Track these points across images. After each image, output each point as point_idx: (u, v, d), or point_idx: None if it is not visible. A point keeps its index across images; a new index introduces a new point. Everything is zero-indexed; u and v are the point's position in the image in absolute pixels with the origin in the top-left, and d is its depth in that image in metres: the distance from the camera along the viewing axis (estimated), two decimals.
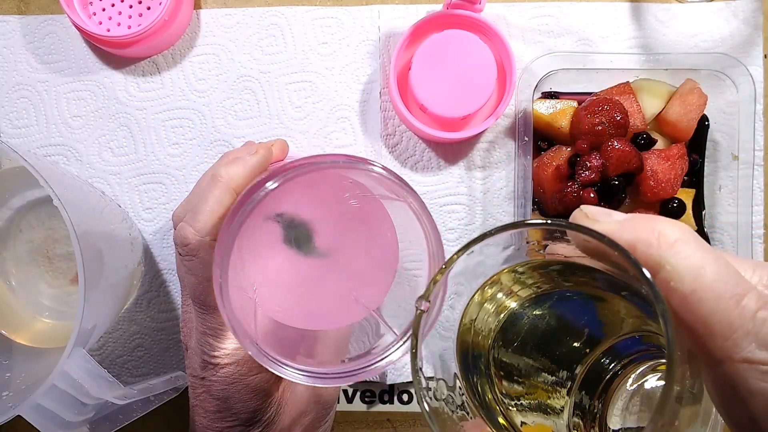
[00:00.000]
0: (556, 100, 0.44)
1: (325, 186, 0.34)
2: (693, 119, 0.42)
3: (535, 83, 0.42)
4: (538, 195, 0.43)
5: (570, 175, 0.41)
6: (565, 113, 0.43)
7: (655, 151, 0.42)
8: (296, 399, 0.35)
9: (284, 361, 0.29)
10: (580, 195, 0.40)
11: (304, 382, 0.29)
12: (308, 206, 0.34)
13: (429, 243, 0.30)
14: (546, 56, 0.42)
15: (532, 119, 0.43)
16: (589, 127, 0.41)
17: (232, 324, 0.28)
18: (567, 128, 0.43)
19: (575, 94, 0.45)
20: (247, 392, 0.33)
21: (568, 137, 0.43)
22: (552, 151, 0.43)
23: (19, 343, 0.45)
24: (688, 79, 0.43)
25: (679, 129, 0.42)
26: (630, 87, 0.43)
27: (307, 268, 0.34)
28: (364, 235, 0.34)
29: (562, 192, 0.41)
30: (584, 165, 0.41)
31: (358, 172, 0.31)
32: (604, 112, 0.41)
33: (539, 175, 0.42)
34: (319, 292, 0.34)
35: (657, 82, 0.43)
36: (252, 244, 0.32)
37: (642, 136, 0.42)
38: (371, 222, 0.34)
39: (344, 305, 0.34)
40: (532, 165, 0.43)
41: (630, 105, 0.42)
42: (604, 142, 0.41)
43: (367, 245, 0.34)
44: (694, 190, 0.44)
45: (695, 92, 0.42)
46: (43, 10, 0.48)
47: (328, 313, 0.34)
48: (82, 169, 0.47)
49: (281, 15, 0.48)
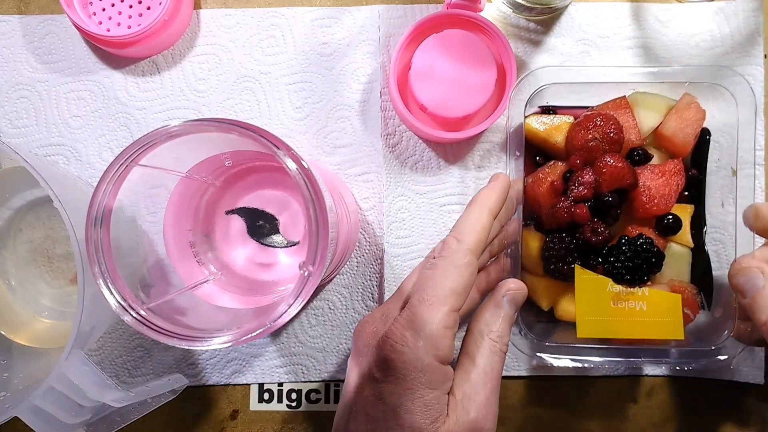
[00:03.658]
0: (552, 116, 0.43)
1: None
2: (690, 134, 0.41)
3: (526, 98, 0.42)
4: (535, 210, 0.43)
5: (564, 190, 0.41)
6: (561, 129, 0.43)
7: (650, 166, 0.41)
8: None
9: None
10: (572, 211, 0.40)
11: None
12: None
13: (308, 209, 0.32)
14: (540, 69, 0.41)
15: (524, 135, 0.42)
16: (582, 143, 0.41)
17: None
18: (563, 144, 0.43)
19: (572, 107, 0.44)
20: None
21: (564, 153, 0.43)
22: (548, 166, 0.43)
23: (18, 343, 0.45)
24: (686, 93, 0.42)
25: (675, 144, 0.42)
26: (626, 101, 0.42)
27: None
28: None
29: (554, 207, 0.41)
30: (577, 181, 0.40)
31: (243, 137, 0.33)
32: (597, 128, 0.41)
33: (535, 190, 0.42)
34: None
35: (654, 95, 0.43)
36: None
37: (637, 151, 0.42)
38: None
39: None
40: (528, 180, 0.43)
41: (626, 119, 0.42)
42: (597, 158, 0.41)
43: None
44: (693, 206, 0.43)
45: (693, 107, 0.41)
46: (43, 10, 0.48)
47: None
48: (82, 169, 0.47)
49: (281, 15, 0.48)
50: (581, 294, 0.41)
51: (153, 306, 0.34)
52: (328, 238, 0.32)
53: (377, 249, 0.47)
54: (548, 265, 0.41)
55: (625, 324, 0.40)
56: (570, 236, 0.41)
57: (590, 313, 0.40)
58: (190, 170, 0.39)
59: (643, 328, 0.40)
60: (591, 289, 0.41)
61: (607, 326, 0.40)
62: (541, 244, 0.42)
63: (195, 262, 0.41)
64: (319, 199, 0.32)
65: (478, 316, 0.36)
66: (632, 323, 0.40)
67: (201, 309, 0.39)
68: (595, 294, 0.41)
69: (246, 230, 0.42)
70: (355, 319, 0.47)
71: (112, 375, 0.46)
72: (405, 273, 0.46)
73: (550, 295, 0.43)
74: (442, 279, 0.33)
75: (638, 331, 0.40)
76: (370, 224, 0.47)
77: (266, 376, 0.46)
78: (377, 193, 0.47)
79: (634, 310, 0.40)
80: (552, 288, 0.43)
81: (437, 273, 0.33)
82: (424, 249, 0.46)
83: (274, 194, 0.42)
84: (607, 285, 0.40)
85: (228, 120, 0.32)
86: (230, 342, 0.32)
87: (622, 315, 0.40)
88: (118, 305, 0.33)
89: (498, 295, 0.36)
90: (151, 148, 0.33)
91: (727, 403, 0.46)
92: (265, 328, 0.32)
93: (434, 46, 0.43)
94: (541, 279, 0.42)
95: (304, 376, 0.47)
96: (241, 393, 0.47)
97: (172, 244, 0.40)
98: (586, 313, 0.41)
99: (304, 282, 0.32)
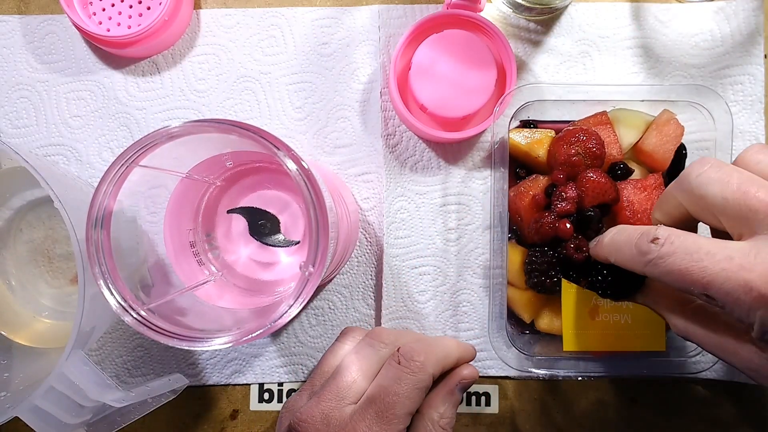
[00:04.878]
0: (533, 129, 0.44)
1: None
2: (669, 150, 0.42)
3: (511, 114, 0.42)
4: (516, 223, 0.43)
5: (547, 205, 0.42)
6: (543, 143, 0.43)
7: (632, 181, 0.42)
8: None
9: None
10: (555, 226, 0.40)
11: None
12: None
13: (309, 209, 0.32)
14: (524, 87, 0.42)
15: (508, 149, 0.42)
16: (565, 158, 0.41)
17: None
18: (545, 157, 0.43)
19: (553, 122, 0.45)
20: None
21: (546, 166, 0.43)
22: (529, 180, 0.43)
23: (19, 343, 0.45)
24: (665, 110, 0.43)
25: (655, 159, 0.42)
26: (607, 117, 0.43)
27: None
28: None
29: (538, 222, 0.41)
30: (560, 196, 0.41)
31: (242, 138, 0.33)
32: (579, 143, 0.41)
33: (516, 203, 0.42)
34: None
35: (634, 112, 0.43)
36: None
37: (619, 165, 0.42)
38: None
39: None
40: (510, 194, 0.43)
41: (607, 135, 0.42)
42: (580, 173, 0.41)
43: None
44: None
45: (672, 123, 0.42)
46: (43, 10, 0.48)
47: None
48: (82, 169, 0.47)
49: (281, 15, 0.48)
50: (567, 308, 0.41)
51: (153, 306, 0.34)
52: (328, 239, 0.32)
53: (377, 249, 0.47)
54: (531, 278, 0.41)
55: (610, 337, 0.41)
56: (552, 250, 0.41)
57: (576, 326, 0.41)
58: (191, 171, 0.39)
59: (627, 340, 0.41)
60: (577, 302, 0.41)
61: (592, 339, 0.41)
62: (523, 258, 0.42)
63: (195, 263, 0.41)
64: (319, 200, 0.32)
65: (430, 401, 0.37)
66: (616, 336, 0.41)
67: (201, 309, 0.39)
68: (582, 307, 0.41)
69: (247, 229, 0.42)
70: (355, 318, 0.47)
71: (113, 375, 0.46)
72: (404, 273, 0.46)
73: (533, 308, 0.43)
74: (404, 399, 0.34)
75: (622, 344, 0.41)
76: (371, 224, 0.47)
77: (266, 376, 0.47)
78: (377, 193, 0.47)
79: (620, 323, 0.41)
80: (534, 301, 0.43)
81: (401, 390, 0.35)
82: (424, 249, 0.46)
83: (275, 194, 0.42)
84: (593, 298, 0.41)
85: (228, 121, 0.32)
86: (231, 342, 0.32)
87: (607, 328, 0.41)
88: (119, 306, 0.33)
89: (452, 383, 0.38)
90: (151, 148, 0.33)
91: (726, 402, 0.46)
92: (265, 329, 0.32)
93: (434, 46, 0.43)
94: (524, 292, 0.43)
95: (304, 376, 0.47)
96: (242, 393, 0.47)
97: (172, 245, 0.40)
98: (572, 327, 0.41)
99: (304, 282, 0.32)
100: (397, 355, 0.36)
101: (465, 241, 0.46)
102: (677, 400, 0.46)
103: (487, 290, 0.46)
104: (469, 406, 0.46)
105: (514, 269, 0.42)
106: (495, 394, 0.46)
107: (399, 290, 0.46)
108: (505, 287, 0.42)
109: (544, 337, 0.44)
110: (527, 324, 0.44)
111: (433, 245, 0.46)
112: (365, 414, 0.34)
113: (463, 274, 0.46)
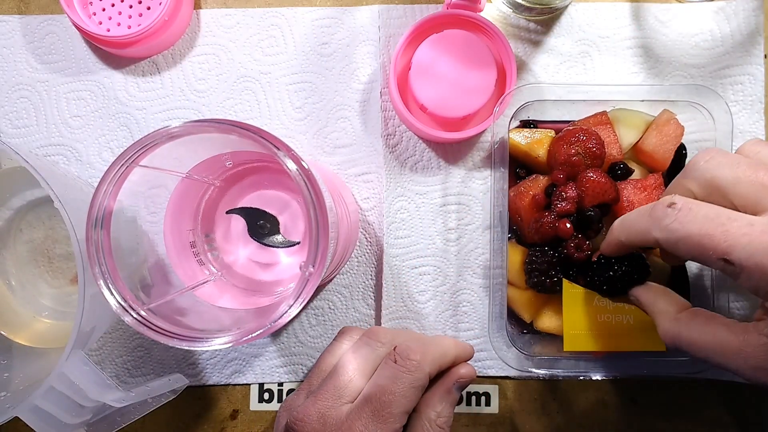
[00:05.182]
0: (533, 129, 0.44)
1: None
2: (669, 150, 0.42)
3: (511, 114, 0.42)
4: (516, 223, 0.43)
5: (546, 204, 0.42)
6: (543, 143, 0.43)
7: (632, 181, 0.42)
8: None
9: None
10: (555, 225, 0.40)
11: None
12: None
13: (309, 210, 0.32)
14: (524, 87, 0.42)
15: (508, 149, 0.42)
16: (565, 158, 0.41)
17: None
18: (545, 157, 0.43)
19: (553, 122, 0.45)
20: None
21: (545, 166, 0.43)
22: (529, 180, 0.43)
23: (19, 343, 0.45)
24: (665, 110, 0.43)
25: (655, 159, 0.42)
26: (607, 117, 0.43)
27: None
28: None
29: (538, 222, 0.41)
30: (560, 196, 0.41)
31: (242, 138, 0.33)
32: (579, 143, 0.41)
33: (516, 203, 0.42)
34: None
35: (634, 112, 0.43)
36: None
37: (619, 165, 0.42)
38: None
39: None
40: (511, 194, 0.43)
41: (607, 135, 0.42)
42: (580, 173, 0.41)
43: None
44: None
45: (672, 123, 0.42)
46: (43, 10, 0.48)
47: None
48: (82, 169, 0.47)
49: (281, 15, 0.48)
50: (569, 308, 0.41)
51: (153, 306, 0.34)
52: (328, 239, 0.32)
53: (377, 249, 0.47)
54: (531, 278, 0.41)
55: (610, 337, 0.41)
56: (552, 249, 0.41)
57: (577, 326, 0.41)
58: (191, 171, 0.39)
59: (628, 340, 0.41)
60: (579, 302, 0.41)
61: (592, 339, 0.41)
62: (523, 257, 0.42)
63: (195, 263, 0.41)
64: (319, 200, 0.32)
65: (427, 400, 0.37)
66: (617, 336, 0.41)
67: (201, 309, 0.39)
68: (583, 308, 0.41)
69: (247, 230, 0.42)
70: (355, 318, 0.47)
71: (113, 375, 0.46)
72: (404, 273, 0.46)
73: (533, 308, 0.43)
74: (400, 398, 0.34)
75: (623, 344, 0.41)
76: (371, 224, 0.47)
77: (266, 376, 0.47)
78: (377, 193, 0.47)
79: (620, 323, 0.41)
80: (534, 300, 0.43)
81: (398, 389, 0.34)
82: (424, 249, 0.46)
83: (275, 194, 0.42)
84: (595, 299, 0.41)
85: (228, 121, 0.32)
86: (231, 342, 0.32)
87: (607, 328, 0.41)
88: (119, 306, 0.33)
89: (449, 382, 0.37)
90: (151, 148, 0.33)
91: (725, 402, 0.46)
92: (265, 329, 0.32)
93: (434, 46, 0.43)
94: (524, 292, 0.43)
95: (304, 376, 0.47)
96: (242, 393, 0.47)
97: (172, 245, 0.40)
98: (573, 327, 0.41)
99: (304, 282, 0.32)
100: (393, 354, 0.36)
101: (465, 241, 0.46)
102: (677, 400, 0.46)
103: (487, 290, 0.46)
104: (468, 406, 0.46)
105: (514, 269, 0.43)
106: (495, 394, 0.46)
107: (399, 290, 0.46)
108: (505, 287, 0.42)
109: (544, 337, 0.44)
110: (527, 324, 0.44)
111: (433, 245, 0.46)
112: (362, 413, 0.34)
113: (463, 274, 0.46)
